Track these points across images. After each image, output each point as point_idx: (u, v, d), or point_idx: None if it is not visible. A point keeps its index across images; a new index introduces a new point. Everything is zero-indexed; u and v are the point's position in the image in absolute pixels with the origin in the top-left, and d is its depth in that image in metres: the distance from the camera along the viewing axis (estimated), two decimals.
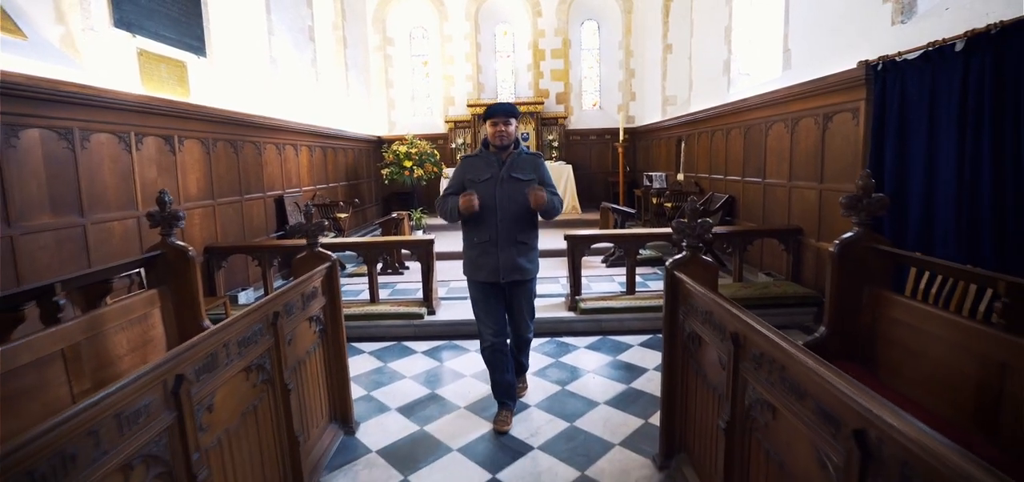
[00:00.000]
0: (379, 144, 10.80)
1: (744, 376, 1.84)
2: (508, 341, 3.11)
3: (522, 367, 3.40)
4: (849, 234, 2.51)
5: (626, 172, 9.60)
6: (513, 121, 2.89)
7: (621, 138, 9.13)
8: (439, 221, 9.25)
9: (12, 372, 2.05)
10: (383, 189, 10.84)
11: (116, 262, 3.16)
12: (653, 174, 8.72)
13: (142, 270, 3.24)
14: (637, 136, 11.05)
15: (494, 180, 2.86)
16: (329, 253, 2.99)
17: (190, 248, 2.96)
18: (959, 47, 3.10)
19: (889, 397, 1.22)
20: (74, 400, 2.30)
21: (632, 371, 3.81)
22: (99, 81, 3.85)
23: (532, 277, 3.03)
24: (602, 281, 5.88)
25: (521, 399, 3.34)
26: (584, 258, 5.11)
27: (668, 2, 9.15)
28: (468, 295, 3.13)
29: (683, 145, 8.51)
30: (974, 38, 3.00)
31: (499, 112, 2.87)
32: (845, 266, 2.52)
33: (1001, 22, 2.82)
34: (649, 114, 10.49)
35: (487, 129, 2.92)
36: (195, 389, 1.72)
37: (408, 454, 2.85)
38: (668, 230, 3.91)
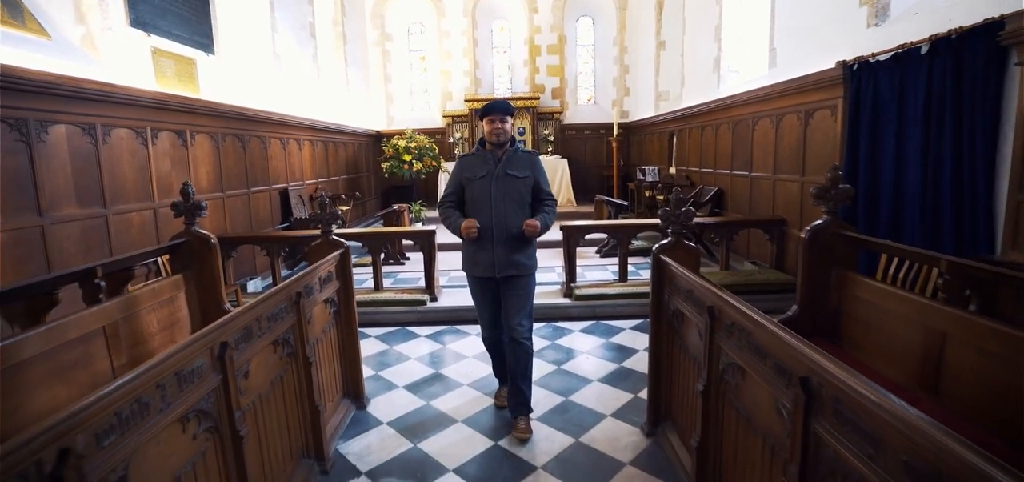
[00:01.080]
0: (378, 138, 10.99)
1: (718, 344, 2.09)
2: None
3: (523, 399, 2.95)
4: (818, 222, 2.77)
5: (620, 166, 9.85)
6: (509, 119, 2.93)
7: (615, 132, 9.37)
8: (438, 213, 9.49)
9: (63, 345, 2.27)
10: (382, 182, 11.04)
11: (140, 250, 3.38)
12: (646, 168, 8.97)
13: (159, 259, 3.47)
14: (631, 131, 11.29)
15: (490, 177, 2.88)
16: (342, 240, 3.21)
17: (212, 236, 3.18)
18: (924, 50, 3.35)
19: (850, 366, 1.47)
20: (114, 373, 2.53)
21: (623, 352, 4.07)
22: (118, 78, 4.05)
23: (529, 273, 2.96)
24: (596, 270, 6.14)
25: (520, 452, 2.79)
26: (579, 248, 5.35)
27: None
28: (467, 283, 3.24)
29: (675, 140, 8.76)
30: (937, 41, 3.25)
31: (495, 110, 2.90)
32: (815, 250, 2.77)
33: (960, 27, 3.08)
34: (643, 109, 10.73)
35: (484, 127, 2.95)
36: (236, 356, 1.95)
37: (416, 425, 3.10)
38: (658, 221, 4.16)
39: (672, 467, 2.58)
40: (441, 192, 10.75)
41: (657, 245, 2.77)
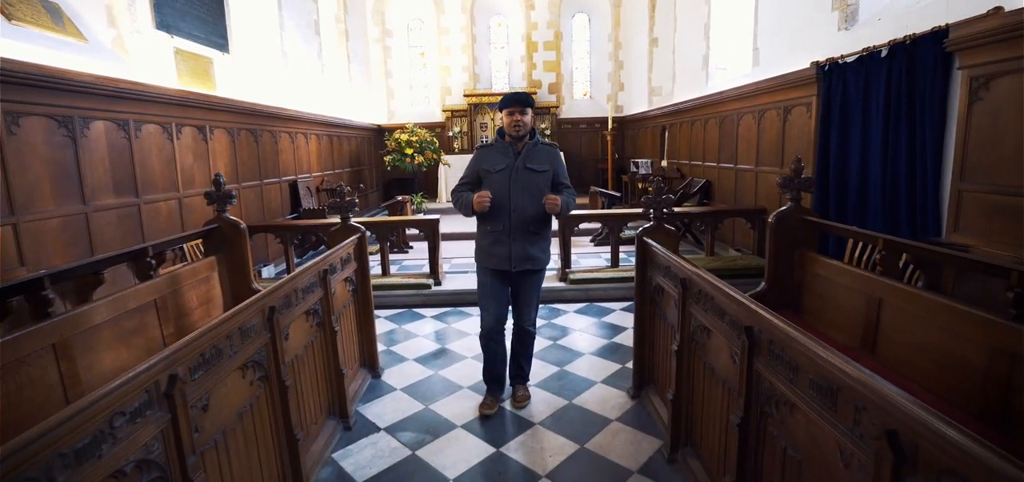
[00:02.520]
0: (379, 132, 11.31)
1: (690, 310, 2.46)
2: (507, 336, 3.15)
3: (523, 373, 3.25)
4: (783, 208, 3.14)
5: (614, 159, 10.20)
6: (529, 111, 2.88)
7: (610, 126, 9.72)
8: (438, 204, 9.84)
9: (125, 314, 2.62)
10: (383, 175, 11.36)
11: (175, 235, 3.72)
12: (639, 161, 9.33)
13: (184, 246, 3.82)
14: (625, 125, 11.63)
15: (509, 170, 2.84)
16: (359, 226, 3.57)
17: (242, 222, 3.52)
18: (884, 53, 3.71)
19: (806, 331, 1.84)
20: (165, 341, 2.88)
21: (614, 329, 4.44)
22: (146, 78, 4.37)
23: (542, 267, 3.01)
24: (590, 257, 6.51)
25: (520, 412, 3.12)
26: (574, 238, 5.72)
27: None
28: (468, 269, 3.47)
29: (667, 134, 9.12)
30: (895, 46, 3.61)
31: (514, 102, 2.84)
32: (780, 233, 3.14)
33: (913, 34, 3.44)
34: (636, 104, 11.07)
35: (503, 119, 2.91)
36: (281, 319, 2.31)
37: (427, 391, 3.46)
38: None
39: (653, 421, 2.96)
40: (441, 185, 11.03)
41: (641, 228, 3.13)
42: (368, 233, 3.67)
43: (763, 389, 1.77)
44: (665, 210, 3.05)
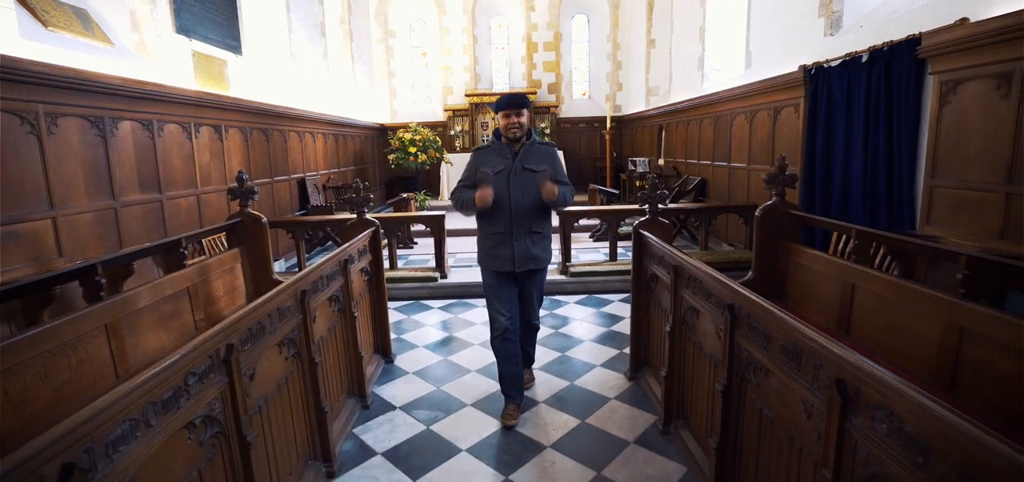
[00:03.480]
0: (382, 131, 11.53)
1: (681, 294, 2.70)
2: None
3: (529, 358, 3.39)
4: (769, 202, 3.38)
5: (613, 157, 10.45)
6: (525, 112, 2.85)
7: (608, 126, 9.96)
8: (440, 202, 10.08)
9: (162, 300, 2.86)
10: (386, 173, 11.58)
11: (194, 230, 3.95)
12: (637, 159, 9.58)
13: (203, 240, 4.06)
14: (623, 124, 11.88)
15: (507, 171, 2.84)
16: (374, 220, 3.80)
17: (263, 216, 3.76)
18: (865, 58, 3.96)
19: None
20: (197, 326, 3.12)
21: (612, 319, 4.69)
22: (166, 79, 4.59)
23: (545, 266, 3.04)
24: (589, 252, 6.75)
25: (527, 393, 3.30)
26: (574, 234, 5.95)
27: None
28: (473, 264, 3.59)
29: (664, 133, 9.36)
30: (875, 52, 3.86)
31: (509, 104, 2.83)
32: (766, 225, 3.39)
33: (891, 41, 3.69)
34: (634, 103, 11.32)
35: (499, 121, 2.89)
36: (311, 300, 2.54)
37: (438, 374, 3.70)
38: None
39: (648, 399, 3.21)
40: (443, 183, 11.27)
41: (637, 222, 3.38)
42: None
43: (743, 358, 2.02)
44: (660, 205, 3.29)
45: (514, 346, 3.00)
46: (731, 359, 2.08)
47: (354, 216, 3.81)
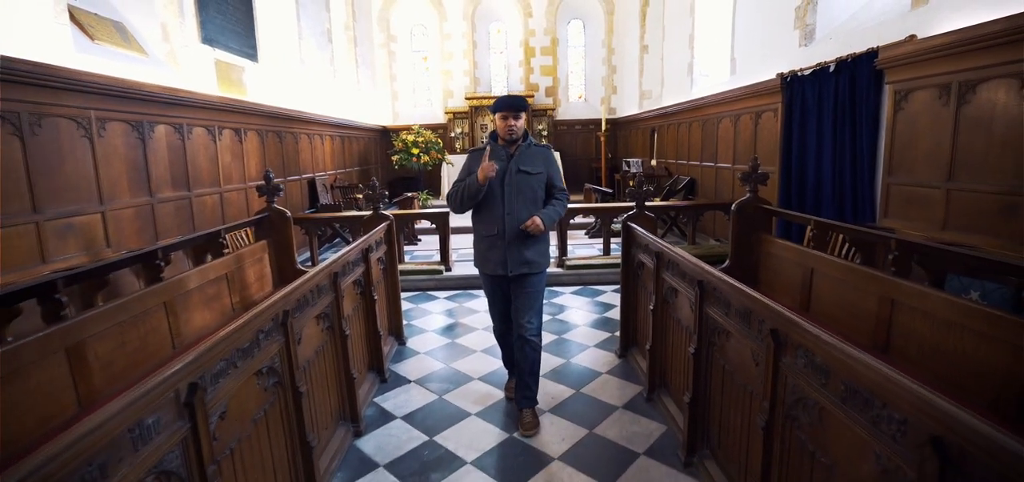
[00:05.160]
0: (385, 133, 11.92)
1: (663, 277, 3.11)
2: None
3: (529, 394, 2.98)
4: (744, 198, 3.79)
5: (608, 158, 10.86)
6: (522, 115, 2.84)
7: (603, 128, 10.37)
8: (442, 201, 10.46)
9: (207, 283, 3.24)
10: (389, 173, 11.96)
11: (225, 224, 4.33)
12: (631, 160, 9.99)
13: (225, 235, 4.43)
14: (618, 126, 12.30)
15: (502, 173, 2.79)
16: (389, 215, 4.19)
17: (288, 212, 4.14)
18: (832, 68, 4.38)
19: None
20: (233, 309, 3.50)
21: (605, 307, 5.09)
22: (193, 86, 4.97)
23: (541, 270, 2.91)
24: (584, 248, 7.15)
25: (529, 440, 2.88)
26: (569, 231, 6.36)
27: (644, 6, 10.36)
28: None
29: (656, 135, 9.78)
30: (841, 62, 4.28)
31: (507, 106, 2.80)
32: (741, 218, 3.79)
33: (854, 53, 4.10)
34: (628, 106, 11.74)
35: (496, 122, 2.86)
36: (341, 281, 2.93)
37: (448, 354, 4.10)
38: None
39: (635, 373, 3.61)
40: (444, 183, 11.67)
41: (625, 216, 3.78)
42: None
43: (710, 325, 2.42)
44: (646, 201, 3.69)
45: (511, 348, 3.12)
46: (701, 327, 2.48)
47: (369, 212, 4.20)
